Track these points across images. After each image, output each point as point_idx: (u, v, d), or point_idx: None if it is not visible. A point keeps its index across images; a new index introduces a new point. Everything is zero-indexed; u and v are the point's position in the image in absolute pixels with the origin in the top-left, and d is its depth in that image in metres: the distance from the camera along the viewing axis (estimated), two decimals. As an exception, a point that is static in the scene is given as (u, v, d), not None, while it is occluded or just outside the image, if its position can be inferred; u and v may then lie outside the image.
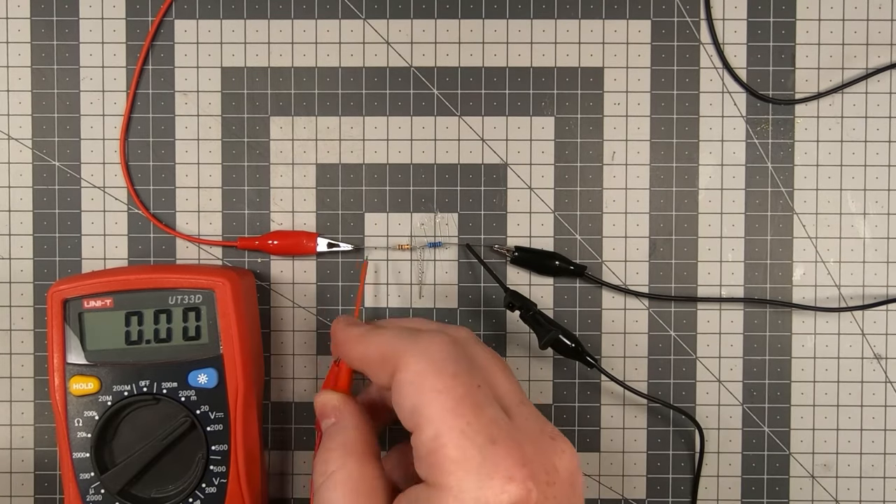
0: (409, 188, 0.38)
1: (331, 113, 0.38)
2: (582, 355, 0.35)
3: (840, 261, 0.38)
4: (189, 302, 0.33)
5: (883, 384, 0.38)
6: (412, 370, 0.27)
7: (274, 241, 0.37)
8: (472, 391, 0.26)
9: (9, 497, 0.38)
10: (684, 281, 0.38)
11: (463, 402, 0.26)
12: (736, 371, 0.38)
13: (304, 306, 0.38)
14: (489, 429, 0.25)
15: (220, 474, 0.33)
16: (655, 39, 0.38)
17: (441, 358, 0.27)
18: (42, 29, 0.38)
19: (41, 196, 0.38)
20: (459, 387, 0.26)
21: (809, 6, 0.38)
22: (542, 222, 0.38)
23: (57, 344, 0.33)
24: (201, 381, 0.33)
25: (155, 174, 0.38)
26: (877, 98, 0.38)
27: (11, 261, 0.38)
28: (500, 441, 0.25)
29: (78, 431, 0.33)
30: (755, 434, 0.38)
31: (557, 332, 0.35)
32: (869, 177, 0.38)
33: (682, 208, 0.38)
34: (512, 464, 0.25)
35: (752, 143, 0.38)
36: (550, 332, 0.35)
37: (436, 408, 0.26)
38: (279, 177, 0.38)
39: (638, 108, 0.38)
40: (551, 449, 0.26)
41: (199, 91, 0.38)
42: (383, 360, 0.28)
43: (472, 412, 0.26)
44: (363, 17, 0.38)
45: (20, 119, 0.38)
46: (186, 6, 0.38)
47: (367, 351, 0.29)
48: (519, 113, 0.38)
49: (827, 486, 0.39)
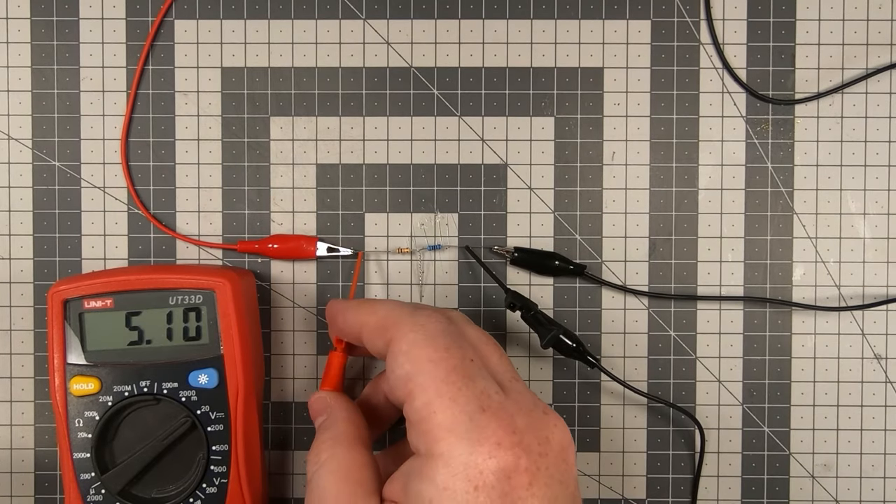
0: (409, 188, 0.38)
1: (331, 113, 0.38)
2: (583, 355, 0.35)
3: (840, 261, 0.38)
4: (189, 302, 0.33)
5: (883, 384, 0.38)
6: (408, 339, 0.27)
7: (274, 244, 0.37)
8: (465, 363, 0.27)
9: (9, 497, 0.38)
10: (684, 281, 0.38)
11: (454, 371, 0.26)
12: (736, 371, 0.38)
13: (304, 306, 0.38)
14: (480, 398, 0.26)
15: (221, 474, 0.33)
16: (655, 39, 0.38)
17: (436, 331, 0.28)
18: (42, 29, 0.38)
19: (41, 196, 0.38)
20: (452, 358, 0.27)
21: (809, 6, 0.38)
22: (542, 222, 0.38)
23: (57, 344, 0.33)
24: (202, 381, 0.33)
25: (155, 174, 0.38)
26: (877, 98, 0.38)
27: (11, 261, 0.38)
28: (490, 410, 0.26)
29: (78, 432, 0.33)
30: (755, 434, 0.38)
31: (559, 332, 0.35)
32: (869, 177, 0.38)
33: (681, 208, 0.38)
34: (502, 432, 0.25)
35: (752, 143, 0.38)
36: (552, 331, 0.35)
37: (427, 376, 0.26)
38: (279, 177, 0.38)
39: (638, 109, 0.38)
40: (543, 422, 0.27)
41: (199, 91, 0.38)
42: (381, 327, 0.29)
43: (462, 381, 0.26)
44: (363, 18, 0.38)
45: (20, 119, 0.38)
46: (186, 6, 0.38)
47: (367, 318, 0.30)
48: (519, 113, 0.38)
49: (827, 486, 0.39)
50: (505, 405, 0.26)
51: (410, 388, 0.27)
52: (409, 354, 0.27)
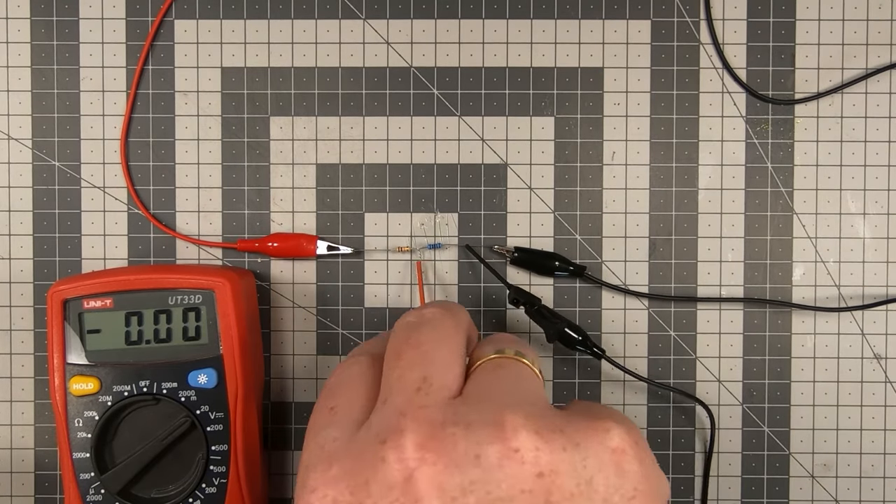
0: (409, 188, 0.38)
1: (331, 113, 0.38)
2: (590, 346, 0.35)
3: (840, 261, 0.38)
4: (189, 302, 0.33)
5: (883, 384, 0.38)
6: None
7: (274, 243, 0.37)
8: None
9: (9, 497, 0.38)
10: (684, 281, 0.38)
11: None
12: (736, 371, 0.38)
13: (304, 306, 0.38)
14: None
15: (220, 474, 0.33)
16: (655, 39, 0.38)
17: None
18: (42, 29, 0.38)
19: (41, 196, 0.38)
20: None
21: (809, 6, 0.38)
22: (542, 222, 0.38)
23: (57, 344, 0.33)
24: (201, 381, 0.33)
25: (155, 174, 0.38)
26: (877, 98, 0.38)
27: (11, 261, 0.38)
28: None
29: (78, 431, 0.33)
30: (755, 434, 0.38)
31: (563, 325, 0.35)
32: (869, 177, 0.38)
33: (681, 208, 0.38)
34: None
35: (752, 143, 0.38)
36: (556, 325, 0.35)
37: None
38: (279, 177, 0.38)
39: (638, 108, 0.38)
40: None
41: (199, 91, 0.38)
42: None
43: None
44: (363, 18, 0.38)
45: (20, 119, 0.38)
46: (186, 6, 0.38)
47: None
48: (519, 113, 0.38)
49: (827, 486, 0.39)
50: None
51: None
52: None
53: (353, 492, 0.22)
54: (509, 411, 0.23)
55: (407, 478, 0.22)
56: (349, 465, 0.23)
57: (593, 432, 0.23)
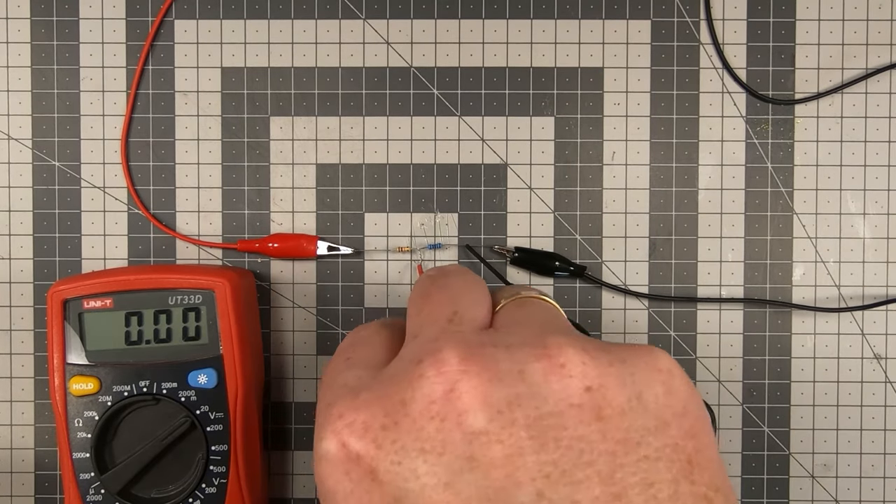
0: (409, 188, 0.38)
1: (331, 113, 0.38)
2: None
3: (840, 261, 0.38)
4: (189, 302, 0.33)
5: (883, 384, 0.38)
6: None
7: (274, 243, 0.37)
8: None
9: (9, 497, 0.38)
10: (684, 281, 0.38)
11: None
12: (736, 371, 0.38)
13: (304, 306, 0.38)
14: None
15: (220, 474, 0.33)
16: (655, 39, 0.38)
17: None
18: (42, 29, 0.38)
19: (41, 196, 0.38)
20: None
21: (809, 6, 0.38)
22: (542, 222, 0.38)
23: (57, 344, 0.33)
24: (201, 381, 0.33)
25: (155, 174, 0.38)
26: (877, 98, 0.38)
27: (11, 261, 0.38)
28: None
29: (78, 431, 0.33)
30: (755, 434, 0.38)
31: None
32: (869, 177, 0.38)
33: (681, 208, 0.38)
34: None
35: (752, 143, 0.38)
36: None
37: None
38: (279, 177, 0.38)
39: (638, 109, 0.38)
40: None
41: (199, 91, 0.38)
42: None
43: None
44: (363, 17, 0.38)
45: (20, 119, 0.38)
46: (186, 6, 0.38)
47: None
48: (519, 113, 0.38)
49: (827, 486, 0.39)
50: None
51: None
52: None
53: (387, 413, 0.21)
54: (549, 333, 0.22)
55: (449, 390, 0.21)
56: (380, 391, 0.22)
57: (639, 352, 0.22)
